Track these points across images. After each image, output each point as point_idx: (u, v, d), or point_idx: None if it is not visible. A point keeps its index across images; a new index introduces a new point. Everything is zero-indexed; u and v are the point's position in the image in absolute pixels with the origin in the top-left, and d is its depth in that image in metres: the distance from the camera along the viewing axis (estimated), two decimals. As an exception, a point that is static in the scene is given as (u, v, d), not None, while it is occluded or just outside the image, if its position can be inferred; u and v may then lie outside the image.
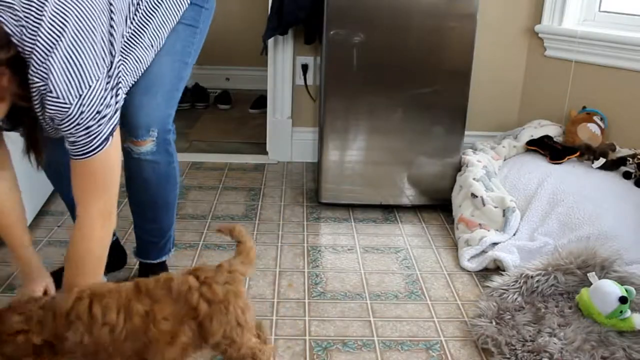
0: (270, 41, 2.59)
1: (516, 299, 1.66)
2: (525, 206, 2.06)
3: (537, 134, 2.41)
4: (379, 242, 2.07)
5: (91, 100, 1.12)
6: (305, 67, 2.66)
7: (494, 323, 1.55)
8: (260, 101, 3.44)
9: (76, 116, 1.11)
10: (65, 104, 1.10)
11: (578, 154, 2.25)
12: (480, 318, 1.59)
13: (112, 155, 1.20)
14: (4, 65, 1.05)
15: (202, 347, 1.20)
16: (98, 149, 1.16)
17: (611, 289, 1.58)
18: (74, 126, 1.13)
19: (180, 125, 3.24)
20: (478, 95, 2.45)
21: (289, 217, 2.24)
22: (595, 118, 2.34)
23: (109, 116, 1.16)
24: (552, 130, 2.44)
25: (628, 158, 2.15)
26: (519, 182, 2.16)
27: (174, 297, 1.14)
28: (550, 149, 2.29)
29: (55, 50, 1.08)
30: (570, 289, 1.71)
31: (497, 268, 1.88)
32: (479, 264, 1.89)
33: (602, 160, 2.19)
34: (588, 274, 1.69)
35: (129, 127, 1.43)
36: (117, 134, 1.20)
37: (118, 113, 1.19)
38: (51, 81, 1.08)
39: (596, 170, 2.18)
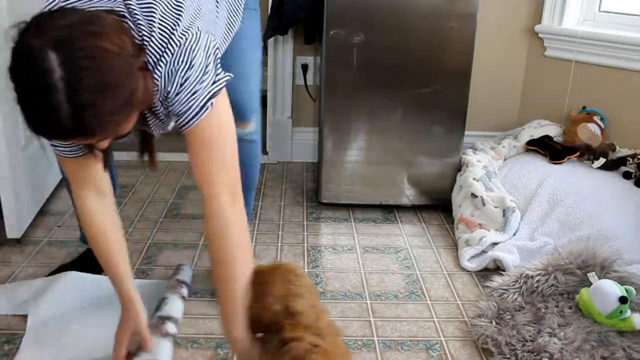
0: (270, 41, 2.59)
1: (516, 299, 1.66)
2: (525, 206, 2.06)
3: (537, 134, 2.41)
4: (379, 242, 2.07)
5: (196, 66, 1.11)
6: (305, 67, 2.66)
7: (494, 323, 1.56)
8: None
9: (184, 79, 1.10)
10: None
11: (578, 154, 2.25)
12: (480, 318, 1.59)
13: (224, 121, 1.17)
14: (144, 70, 1.03)
15: None
16: (204, 108, 1.13)
17: (611, 289, 1.58)
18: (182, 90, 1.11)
19: (180, 125, 3.26)
20: (478, 95, 2.45)
21: (289, 217, 2.24)
22: (595, 118, 2.34)
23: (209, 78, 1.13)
24: (552, 130, 2.44)
25: (628, 158, 2.15)
26: (519, 182, 2.16)
27: None
28: (550, 149, 2.29)
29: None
30: (570, 289, 1.71)
31: (497, 268, 1.88)
32: (479, 264, 1.89)
33: (602, 160, 2.19)
34: (588, 274, 1.69)
35: (236, 111, 1.33)
36: (224, 100, 1.17)
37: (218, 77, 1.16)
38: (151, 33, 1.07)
39: (596, 170, 2.18)
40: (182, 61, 1.09)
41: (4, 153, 1.84)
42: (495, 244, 1.93)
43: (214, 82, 1.14)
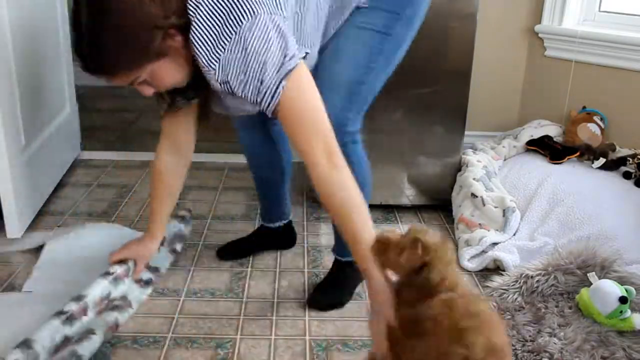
0: (270, 41, 2.58)
1: (516, 299, 1.66)
2: (525, 206, 2.06)
3: (537, 134, 2.41)
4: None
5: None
6: (305, 67, 2.65)
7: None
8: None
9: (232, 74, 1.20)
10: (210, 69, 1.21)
11: (578, 154, 2.26)
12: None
13: (306, 91, 1.23)
14: (174, 28, 1.18)
15: None
16: (277, 94, 1.20)
17: (611, 289, 1.58)
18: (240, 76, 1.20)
19: (180, 125, 3.26)
20: (478, 95, 2.45)
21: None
22: (595, 118, 2.34)
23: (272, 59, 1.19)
24: (552, 130, 2.44)
25: (628, 158, 2.15)
26: (519, 182, 2.16)
27: None
28: (550, 149, 2.29)
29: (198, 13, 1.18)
30: (570, 289, 1.71)
31: (497, 268, 1.88)
32: (479, 264, 1.89)
33: (602, 160, 2.19)
34: (588, 274, 1.69)
35: None
36: (301, 73, 1.22)
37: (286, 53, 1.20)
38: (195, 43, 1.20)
39: (596, 170, 2.18)
40: (238, 50, 1.18)
41: (4, 153, 1.84)
42: (495, 244, 1.93)
43: (282, 64, 1.19)
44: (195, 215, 2.21)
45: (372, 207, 2.25)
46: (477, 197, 2.07)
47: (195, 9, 1.18)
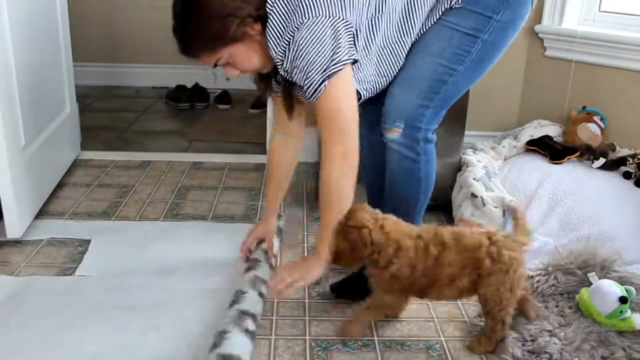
0: (270, 41, 2.59)
1: (516, 299, 1.66)
2: (526, 206, 2.06)
3: (537, 134, 2.41)
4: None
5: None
6: (305, 67, 2.65)
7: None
8: (260, 101, 3.44)
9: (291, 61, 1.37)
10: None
11: (578, 154, 2.26)
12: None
13: (343, 94, 1.38)
14: (251, 17, 1.36)
15: (473, 295, 1.43)
16: (319, 90, 1.35)
17: (611, 289, 1.58)
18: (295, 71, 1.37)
19: (180, 125, 3.27)
20: (478, 95, 2.44)
21: (289, 217, 2.23)
22: (595, 118, 2.34)
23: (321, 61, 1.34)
24: (552, 130, 2.44)
25: (628, 158, 2.15)
26: (519, 182, 2.16)
27: (460, 248, 1.39)
28: (550, 149, 2.29)
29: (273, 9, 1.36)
30: (570, 289, 1.71)
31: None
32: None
33: (602, 160, 2.19)
34: (588, 274, 1.69)
35: (383, 111, 1.58)
36: (345, 77, 1.37)
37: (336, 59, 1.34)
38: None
39: (596, 170, 2.18)
40: (296, 42, 1.33)
41: (4, 153, 1.84)
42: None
43: (330, 65, 1.33)
44: (195, 215, 2.21)
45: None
46: (477, 197, 2.07)
47: (272, 3, 1.36)
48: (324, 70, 1.34)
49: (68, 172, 2.52)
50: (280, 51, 1.38)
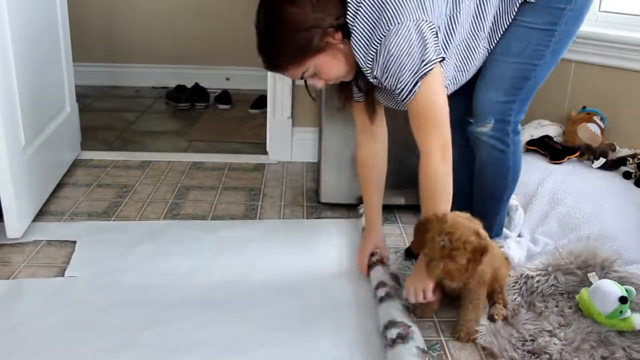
0: (270, 41, 2.59)
1: (516, 299, 1.66)
2: (526, 206, 2.06)
3: (537, 134, 2.41)
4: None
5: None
6: (305, 67, 2.66)
7: (494, 323, 1.55)
8: (260, 101, 3.44)
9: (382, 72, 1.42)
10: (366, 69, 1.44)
11: (578, 154, 2.25)
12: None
13: (436, 92, 1.44)
14: (333, 27, 1.40)
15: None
16: (412, 92, 1.42)
17: (611, 289, 1.58)
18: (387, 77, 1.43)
19: (180, 125, 3.27)
20: (478, 95, 2.44)
21: (289, 217, 2.23)
22: (595, 118, 2.34)
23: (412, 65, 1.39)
24: (552, 130, 2.44)
25: (628, 158, 2.15)
26: (519, 181, 2.15)
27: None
28: (550, 149, 2.29)
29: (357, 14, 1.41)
30: (570, 289, 1.71)
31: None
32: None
33: (602, 160, 2.19)
34: (588, 274, 1.68)
35: (472, 110, 1.69)
36: (436, 78, 1.43)
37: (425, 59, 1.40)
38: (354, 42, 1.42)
39: (596, 170, 2.18)
40: (386, 49, 1.38)
41: (4, 153, 1.84)
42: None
43: (422, 67, 1.39)
44: (195, 215, 2.21)
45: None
46: (477, 197, 2.07)
47: (354, 12, 1.40)
48: (416, 72, 1.40)
49: (68, 172, 2.52)
50: (369, 59, 1.42)
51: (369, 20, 1.39)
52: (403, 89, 1.42)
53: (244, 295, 1.71)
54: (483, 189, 1.80)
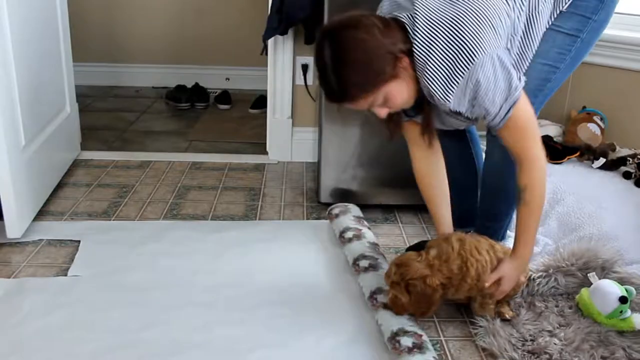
0: (270, 41, 2.59)
1: (516, 299, 1.66)
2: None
3: (537, 134, 2.41)
4: (379, 242, 2.06)
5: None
6: (305, 67, 2.66)
7: (494, 323, 1.55)
8: (260, 101, 3.44)
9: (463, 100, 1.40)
10: (446, 102, 1.40)
11: (578, 154, 2.25)
12: (480, 318, 1.59)
13: (529, 112, 1.45)
14: (402, 52, 1.37)
15: None
16: (505, 118, 1.42)
17: (611, 289, 1.58)
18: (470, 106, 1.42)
19: (180, 125, 3.27)
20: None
21: (289, 217, 2.23)
22: (595, 118, 2.34)
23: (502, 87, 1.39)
24: (552, 130, 2.44)
25: (628, 158, 2.15)
26: (519, 182, 2.16)
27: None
28: (550, 149, 2.29)
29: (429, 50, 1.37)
30: (571, 290, 1.71)
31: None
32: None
33: (602, 160, 2.19)
34: (588, 274, 1.68)
35: None
36: (524, 97, 1.44)
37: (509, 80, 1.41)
38: (427, 81, 1.39)
39: (596, 170, 2.18)
40: (474, 83, 1.36)
41: (4, 153, 1.84)
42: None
43: (511, 94, 1.40)
44: (195, 215, 2.21)
45: (372, 207, 2.28)
46: (477, 197, 2.07)
47: (425, 42, 1.37)
48: (506, 99, 1.40)
49: (68, 172, 2.52)
50: (449, 94, 1.39)
51: (445, 53, 1.36)
52: (496, 116, 1.42)
53: (244, 296, 1.71)
54: (497, 192, 1.79)
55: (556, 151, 2.27)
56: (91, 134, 2.96)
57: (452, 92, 1.38)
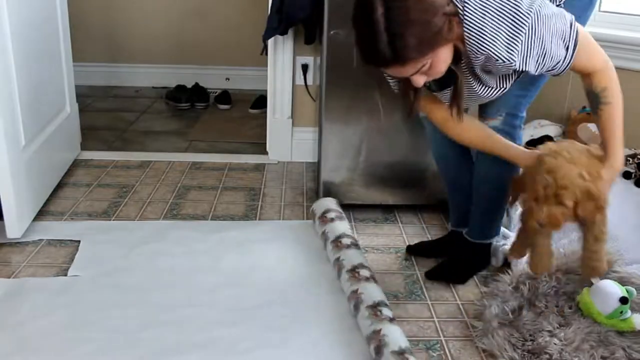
0: (270, 41, 2.59)
1: (516, 299, 1.66)
2: (525, 206, 2.06)
3: (537, 134, 2.41)
4: (379, 242, 2.07)
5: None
6: (305, 67, 2.66)
7: (494, 323, 1.55)
8: (260, 101, 3.44)
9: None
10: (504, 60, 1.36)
11: (578, 154, 2.25)
12: (480, 318, 1.59)
13: (585, 38, 1.43)
14: (453, 15, 1.32)
15: None
16: (569, 64, 1.43)
17: (612, 289, 1.58)
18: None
19: (180, 125, 3.27)
20: (478, 95, 2.44)
21: (289, 217, 2.23)
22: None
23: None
24: (552, 130, 2.44)
25: (628, 158, 2.15)
26: (519, 182, 2.16)
27: None
28: (550, 149, 2.29)
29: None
30: (571, 290, 1.71)
31: (497, 269, 1.88)
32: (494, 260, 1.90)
33: (602, 160, 2.19)
34: (589, 274, 1.68)
35: (483, 105, 1.72)
36: (582, 33, 1.42)
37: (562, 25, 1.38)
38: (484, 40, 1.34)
39: (596, 170, 2.18)
40: (534, 41, 1.35)
41: (4, 153, 1.84)
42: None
43: (570, 35, 1.38)
44: (195, 215, 2.21)
45: (372, 207, 2.28)
46: (477, 197, 2.07)
47: (476, 7, 1.33)
48: (570, 38, 1.39)
49: (68, 172, 2.52)
50: (513, 54, 1.35)
51: (500, 12, 1.33)
52: (565, 59, 1.41)
53: (244, 296, 1.71)
54: (488, 184, 1.79)
55: (556, 151, 2.26)
56: (91, 134, 2.96)
57: (516, 50, 1.34)
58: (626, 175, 2.11)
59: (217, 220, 2.17)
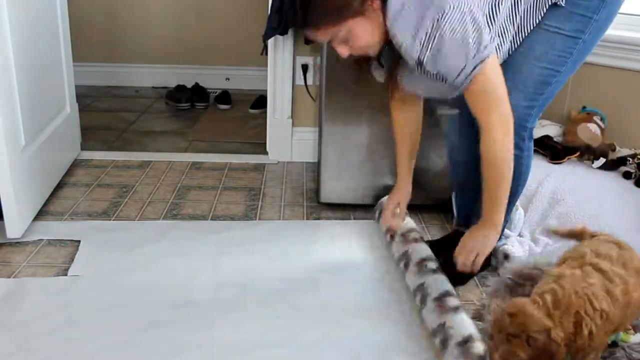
0: (270, 41, 2.59)
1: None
2: (526, 206, 2.06)
3: (537, 134, 2.41)
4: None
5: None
6: (305, 67, 2.66)
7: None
8: (260, 101, 3.44)
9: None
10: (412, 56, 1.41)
11: (578, 154, 2.25)
12: (480, 318, 1.59)
13: (493, 77, 1.43)
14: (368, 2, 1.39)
15: None
16: (469, 78, 1.40)
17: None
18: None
19: (180, 125, 3.27)
20: (478, 95, 2.44)
21: (289, 217, 2.23)
22: (595, 118, 2.34)
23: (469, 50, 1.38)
24: (552, 130, 2.44)
25: (628, 158, 2.15)
26: (519, 182, 2.16)
27: None
28: (550, 149, 2.29)
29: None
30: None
31: (497, 269, 1.88)
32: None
33: (602, 160, 2.19)
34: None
35: None
36: (493, 59, 1.42)
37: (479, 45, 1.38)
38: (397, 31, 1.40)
39: (596, 170, 2.18)
40: (440, 35, 1.35)
41: (4, 153, 1.84)
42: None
43: (478, 52, 1.38)
44: (195, 215, 2.21)
45: (372, 207, 2.27)
46: (477, 197, 2.07)
47: None
48: (474, 56, 1.38)
49: (68, 172, 2.52)
50: (417, 42, 1.38)
51: (418, 4, 1.37)
52: (460, 73, 1.40)
53: (245, 296, 1.71)
54: (492, 167, 1.76)
55: (556, 151, 2.27)
56: (91, 134, 2.96)
57: (420, 42, 1.38)
58: (626, 175, 2.11)
59: (217, 220, 2.17)
